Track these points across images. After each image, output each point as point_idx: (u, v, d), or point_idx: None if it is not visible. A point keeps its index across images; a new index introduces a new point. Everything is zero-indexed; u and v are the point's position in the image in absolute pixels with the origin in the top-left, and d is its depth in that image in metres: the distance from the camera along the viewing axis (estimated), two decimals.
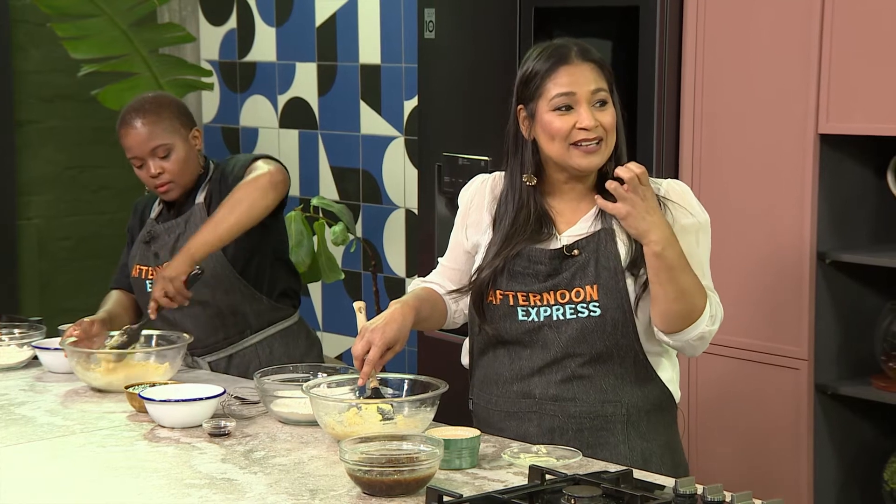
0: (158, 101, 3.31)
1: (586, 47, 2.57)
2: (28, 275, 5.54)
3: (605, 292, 2.52)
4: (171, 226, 3.31)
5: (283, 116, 5.54)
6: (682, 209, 2.56)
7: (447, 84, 4.18)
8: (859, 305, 3.46)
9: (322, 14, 5.33)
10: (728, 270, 3.53)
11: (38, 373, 3.22)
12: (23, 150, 5.50)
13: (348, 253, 5.26)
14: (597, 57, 2.57)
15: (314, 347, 3.47)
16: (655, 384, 2.59)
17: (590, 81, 2.53)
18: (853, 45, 3.27)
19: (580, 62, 2.54)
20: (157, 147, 3.24)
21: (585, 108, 2.53)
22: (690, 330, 2.51)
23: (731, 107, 3.52)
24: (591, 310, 2.52)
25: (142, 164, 3.27)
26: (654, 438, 2.57)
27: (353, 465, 2.24)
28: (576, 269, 2.54)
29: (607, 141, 2.54)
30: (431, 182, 4.20)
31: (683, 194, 2.59)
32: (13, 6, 5.40)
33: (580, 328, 2.53)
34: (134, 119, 3.26)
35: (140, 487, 2.33)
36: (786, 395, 3.44)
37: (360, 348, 2.54)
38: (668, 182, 2.61)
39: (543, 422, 2.57)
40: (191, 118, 3.34)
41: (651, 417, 2.58)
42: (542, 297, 2.55)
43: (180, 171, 3.27)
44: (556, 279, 2.55)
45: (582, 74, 2.54)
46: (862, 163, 3.45)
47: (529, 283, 2.56)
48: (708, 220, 2.61)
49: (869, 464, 3.48)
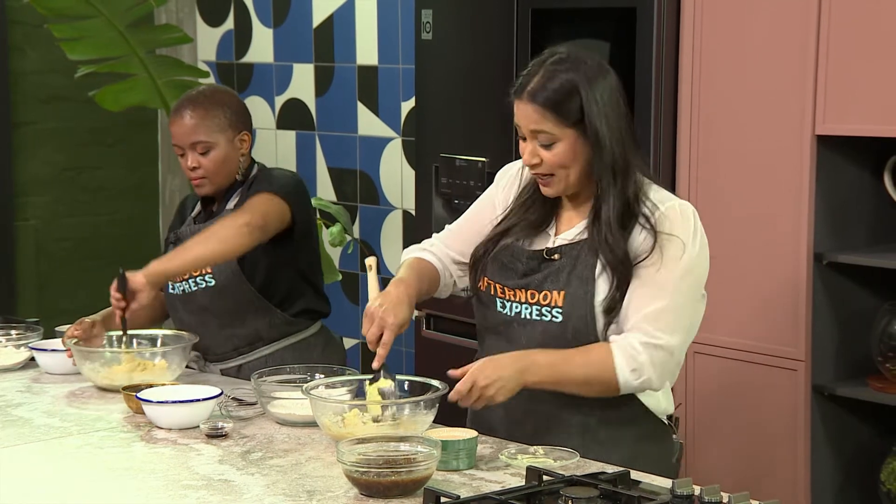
0: (214, 97, 3.28)
1: (542, 85, 2.46)
2: (25, 276, 5.54)
3: (571, 301, 2.50)
4: (198, 230, 3.27)
5: (280, 117, 5.54)
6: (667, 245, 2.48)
7: (444, 85, 4.18)
8: (856, 306, 3.47)
9: (319, 15, 5.33)
10: (725, 271, 3.53)
11: (35, 374, 3.22)
12: (20, 151, 5.49)
13: (346, 254, 5.27)
14: (546, 98, 2.46)
15: (334, 357, 3.38)
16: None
17: (530, 122, 2.49)
18: (850, 46, 3.27)
19: (525, 102, 2.48)
20: (198, 143, 3.23)
21: (529, 144, 2.51)
22: (622, 391, 2.50)
23: (728, 108, 3.52)
24: (554, 315, 2.52)
25: (183, 153, 3.27)
26: (614, 451, 2.52)
27: (351, 466, 2.25)
28: (549, 273, 2.54)
29: (560, 175, 2.51)
30: (429, 183, 4.21)
31: (672, 226, 2.49)
32: (10, 7, 5.40)
33: (542, 331, 2.53)
34: (185, 109, 3.25)
35: (137, 489, 2.33)
36: (783, 396, 3.44)
37: (374, 332, 2.53)
38: (669, 207, 2.51)
39: (508, 414, 2.59)
40: (245, 120, 3.31)
41: (613, 429, 2.55)
42: (516, 293, 2.56)
43: (216, 170, 3.25)
44: (528, 278, 2.55)
45: (524, 114, 2.49)
46: (859, 164, 3.46)
47: (508, 276, 2.58)
48: (694, 263, 2.48)
49: (866, 464, 3.48)
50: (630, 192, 2.50)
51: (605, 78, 2.51)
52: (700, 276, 2.53)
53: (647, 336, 2.46)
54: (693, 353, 3.61)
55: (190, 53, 5.74)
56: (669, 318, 2.47)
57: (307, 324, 3.37)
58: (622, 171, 2.49)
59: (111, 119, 5.39)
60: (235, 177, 3.30)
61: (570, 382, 2.48)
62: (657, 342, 2.46)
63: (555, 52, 2.53)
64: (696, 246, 2.50)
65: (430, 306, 4.23)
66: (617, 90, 2.53)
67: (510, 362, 2.46)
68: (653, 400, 2.57)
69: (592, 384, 2.48)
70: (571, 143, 2.48)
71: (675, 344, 2.48)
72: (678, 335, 2.49)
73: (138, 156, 5.79)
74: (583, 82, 2.47)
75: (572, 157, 2.49)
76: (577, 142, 2.48)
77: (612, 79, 2.52)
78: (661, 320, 2.46)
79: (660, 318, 2.46)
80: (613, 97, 2.50)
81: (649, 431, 2.59)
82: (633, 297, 2.47)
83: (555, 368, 2.47)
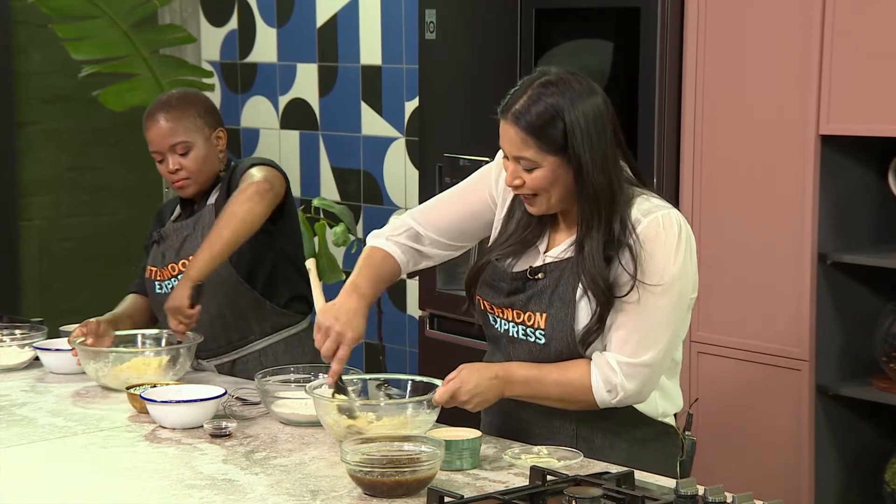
0: (185, 99, 3.32)
1: (526, 108, 2.41)
2: (29, 276, 5.54)
3: (552, 323, 2.50)
4: (180, 227, 3.32)
5: (283, 117, 5.54)
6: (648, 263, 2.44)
7: (448, 85, 4.18)
8: (860, 306, 3.46)
9: (323, 15, 5.33)
10: (729, 272, 3.53)
11: (39, 374, 3.22)
12: (24, 151, 5.50)
13: (349, 254, 5.27)
14: (529, 122, 2.41)
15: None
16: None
17: (513, 147, 2.45)
18: (854, 46, 3.27)
19: (510, 124, 2.44)
20: (177, 144, 3.26)
21: (511, 165, 2.48)
22: (602, 407, 2.50)
23: (732, 108, 3.52)
24: (538, 336, 2.52)
25: (162, 159, 3.29)
26: (610, 457, 2.51)
27: (355, 465, 2.25)
28: (532, 294, 2.53)
29: (542, 196, 2.47)
30: (432, 183, 4.20)
31: (654, 243, 2.44)
32: (14, 7, 5.40)
33: (528, 351, 2.54)
34: (158, 114, 3.28)
35: (141, 488, 2.33)
36: (787, 396, 3.44)
37: (330, 347, 2.55)
38: (651, 222, 2.45)
39: (500, 423, 2.61)
40: (217, 118, 3.35)
41: (608, 435, 2.55)
42: (503, 311, 2.57)
43: (198, 169, 3.28)
44: (513, 298, 2.55)
45: (508, 137, 2.45)
46: (863, 163, 3.45)
47: (495, 295, 2.58)
48: (676, 277, 2.45)
49: (870, 464, 3.48)
50: (616, 222, 2.45)
51: (593, 102, 2.43)
52: (684, 288, 2.49)
53: (626, 356, 2.46)
54: (697, 353, 3.61)
55: (194, 53, 5.74)
56: (650, 336, 2.46)
57: (297, 318, 3.38)
58: (606, 201, 2.44)
59: (114, 119, 5.40)
60: (218, 174, 3.32)
61: (547, 399, 2.52)
62: (635, 361, 2.46)
63: (544, 74, 2.47)
64: (680, 258, 2.46)
65: (433, 306, 4.23)
66: (605, 113, 2.45)
67: (489, 376, 2.48)
68: (647, 405, 2.55)
69: (569, 401, 2.51)
70: (553, 169, 2.44)
71: (657, 357, 2.47)
72: (660, 347, 2.47)
73: (141, 156, 5.74)
74: (568, 108, 2.41)
75: (553, 181, 2.45)
76: (559, 168, 2.44)
77: (599, 101, 2.45)
78: (641, 340, 2.46)
79: (640, 337, 2.45)
80: (599, 122, 2.43)
81: (647, 435, 2.58)
82: (614, 317, 2.46)
83: (530, 386, 2.50)
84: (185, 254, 3.26)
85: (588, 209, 2.44)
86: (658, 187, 3.54)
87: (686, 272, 2.48)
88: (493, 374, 2.49)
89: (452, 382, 2.47)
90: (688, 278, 2.49)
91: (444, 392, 2.46)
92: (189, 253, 3.24)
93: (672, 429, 2.62)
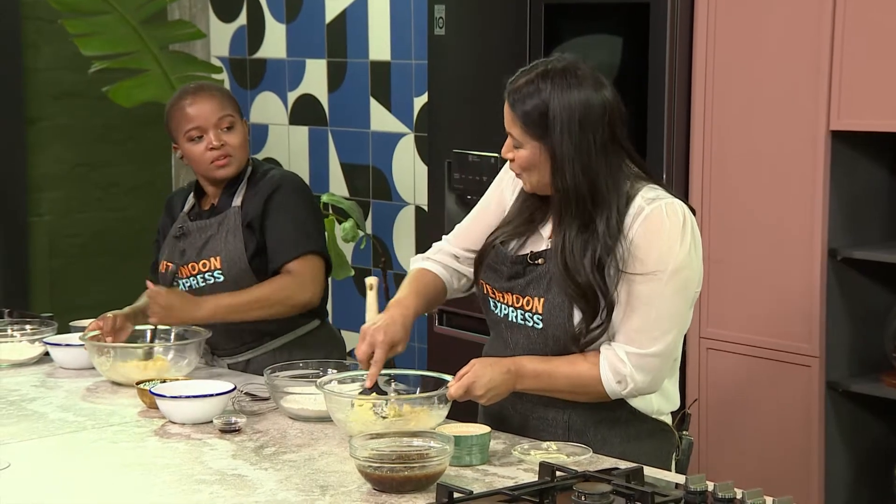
0: (217, 86, 3.37)
1: (520, 91, 2.47)
2: (39, 271, 5.55)
3: (549, 308, 2.51)
4: (204, 226, 3.28)
5: (293, 113, 5.54)
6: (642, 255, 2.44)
7: (457, 81, 4.18)
8: (871, 302, 3.46)
9: (332, 11, 5.33)
10: (739, 267, 3.52)
11: (49, 369, 3.23)
12: (33, 147, 5.51)
13: (358, 250, 5.27)
14: (518, 105, 2.47)
15: (335, 352, 3.39)
16: (612, 400, 2.54)
17: (506, 122, 2.51)
18: (864, 41, 3.26)
19: (507, 101, 2.50)
20: (224, 116, 3.23)
21: (509, 139, 2.54)
22: (613, 398, 2.51)
23: (742, 103, 3.51)
24: (535, 321, 2.53)
25: (201, 136, 3.24)
26: (601, 449, 2.50)
27: (364, 461, 2.25)
28: (532, 279, 2.54)
29: (526, 175, 2.52)
30: (441, 179, 4.20)
31: (658, 229, 2.45)
32: (24, 3, 5.41)
33: (526, 336, 2.55)
34: (200, 91, 3.27)
35: (151, 483, 2.33)
36: (797, 393, 3.43)
37: (364, 351, 2.57)
38: (654, 209, 2.46)
39: (494, 412, 2.62)
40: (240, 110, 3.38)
41: (601, 429, 2.56)
42: (504, 295, 2.58)
43: (241, 145, 3.26)
44: (513, 282, 2.56)
45: (505, 112, 2.51)
46: (874, 159, 3.45)
47: (496, 279, 2.60)
48: (682, 264, 2.45)
49: (880, 461, 3.47)
50: (601, 223, 2.44)
51: (586, 97, 2.44)
52: (689, 276, 2.48)
53: (634, 347, 2.47)
54: (707, 350, 3.61)
55: (203, 49, 5.75)
56: (658, 327, 2.47)
57: (311, 317, 3.37)
58: (581, 197, 2.45)
59: (123, 115, 5.40)
60: (246, 166, 3.30)
61: (558, 392, 2.53)
62: (644, 351, 2.47)
63: (551, 61, 2.49)
64: (686, 246, 2.46)
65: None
66: (599, 110, 2.44)
67: (502, 370, 2.49)
68: (642, 402, 2.56)
69: (579, 394, 2.52)
70: (534, 153, 2.48)
71: (666, 348, 2.48)
72: (668, 338, 2.48)
73: (150, 152, 5.80)
74: (556, 99, 2.43)
75: (534, 163, 2.49)
76: (539, 153, 2.48)
77: (595, 97, 2.44)
78: (649, 331, 2.46)
79: (648, 329, 2.46)
80: (588, 119, 2.43)
81: (640, 432, 2.58)
82: (619, 308, 2.47)
83: (540, 379, 2.51)
84: (207, 254, 3.25)
85: (561, 200, 2.48)
86: (668, 183, 3.53)
87: (691, 261, 2.48)
88: (505, 369, 2.49)
89: (467, 377, 2.47)
90: (693, 268, 2.49)
91: (459, 387, 2.47)
92: (210, 254, 3.23)
93: (667, 427, 2.62)
